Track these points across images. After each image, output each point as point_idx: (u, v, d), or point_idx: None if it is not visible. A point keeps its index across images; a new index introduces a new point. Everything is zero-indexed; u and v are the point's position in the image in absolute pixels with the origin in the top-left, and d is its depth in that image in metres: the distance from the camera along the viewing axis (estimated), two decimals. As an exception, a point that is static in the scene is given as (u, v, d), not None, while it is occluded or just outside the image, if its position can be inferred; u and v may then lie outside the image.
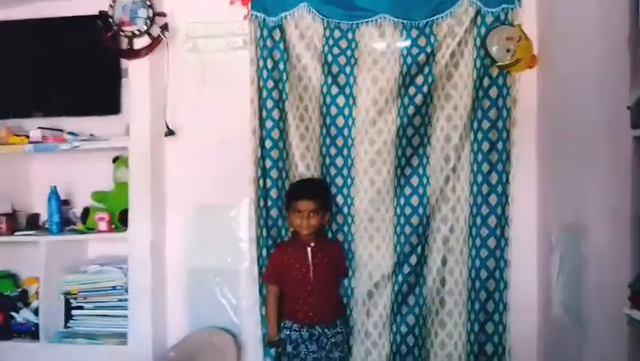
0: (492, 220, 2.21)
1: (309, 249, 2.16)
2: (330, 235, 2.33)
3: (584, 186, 1.75)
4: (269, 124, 2.31)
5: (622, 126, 1.37)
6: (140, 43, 2.34)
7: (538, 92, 2.21)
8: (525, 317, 2.22)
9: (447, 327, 2.26)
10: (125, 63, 2.44)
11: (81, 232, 2.48)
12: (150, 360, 2.30)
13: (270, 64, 2.30)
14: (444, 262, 2.25)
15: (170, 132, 2.38)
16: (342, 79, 2.28)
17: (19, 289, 2.58)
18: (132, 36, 2.33)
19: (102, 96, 2.52)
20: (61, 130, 2.52)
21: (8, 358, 2.39)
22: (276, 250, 2.27)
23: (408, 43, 2.22)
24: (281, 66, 2.30)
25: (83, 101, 2.52)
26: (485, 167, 2.21)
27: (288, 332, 2.17)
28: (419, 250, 2.27)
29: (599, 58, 1.62)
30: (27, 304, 2.53)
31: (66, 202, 2.58)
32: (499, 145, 2.20)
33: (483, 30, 2.17)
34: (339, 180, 2.31)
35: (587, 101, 1.72)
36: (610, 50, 1.52)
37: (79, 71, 2.51)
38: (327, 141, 2.31)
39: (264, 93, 2.31)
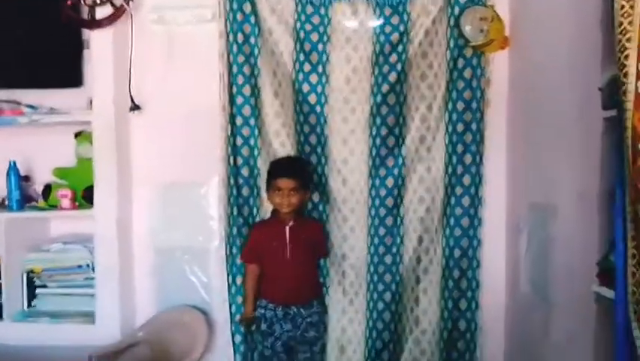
0: (465, 200, 2.24)
1: (287, 228, 2.13)
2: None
3: (553, 168, 1.78)
4: (239, 100, 2.24)
5: (593, 108, 1.39)
6: (103, 12, 2.22)
7: (510, 73, 2.22)
8: (494, 295, 2.28)
9: (422, 304, 2.30)
10: (86, 34, 2.32)
11: (43, 209, 2.39)
12: (118, 339, 2.26)
13: (240, 38, 2.22)
14: (420, 241, 2.27)
15: (135, 107, 2.30)
16: (314, 57, 2.23)
17: (-21, 269, 2.49)
18: (94, 5, 2.21)
19: (63, 68, 2.39)
20: (19, 103, 2.40)
21: (-30, 337, 2.31)
22: (255, 229, 2.25)
23: (381, 21, 2.18)
24: (252, 40, 2.23)
25: (43, 73, 2.38)
26: (459, 148, 2.22)
27: (263, 311, 2.16)
28: (394, 230, 2.27)
29: (571, 39, 1.63)
30: (-13, 284, 2.45)
31: (26, 178, 2.47)
32: (473, 126, 2.21)
33: (457, 10, 2.16)
34: (312, 159, 2.28)
35: (558, 82, 1.74)
36: (582, 32, 1.53)
37: (38, 42, 2.36)
38: (301, 118, 2.27)
39: (235, 68, 2.23)
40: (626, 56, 1.07)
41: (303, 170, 2.19)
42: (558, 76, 1.74)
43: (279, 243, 2.13)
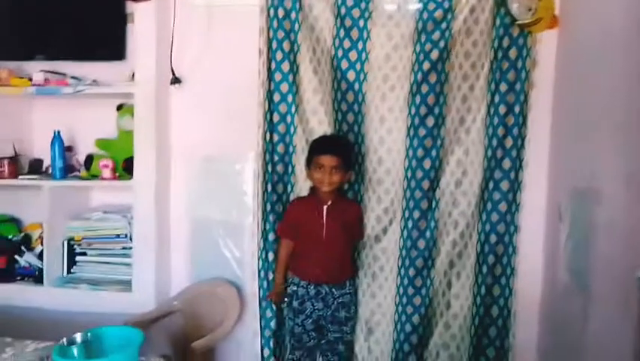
0: (505, 185, 2.18)
1: (325, 207, 2.11)
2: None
3: (599, 151, 1.71)
4: (278, 76, 2.24)
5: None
6: (146, -14, 2.24)
7: (557, 54, 2.14)
8: (530, 282, 2.23)
9: (454, 288, 2.27)
10: (130, 7, 2.35)
11: (85, 179, 2.45)
12: (153, 308, 2.31)
13: (281, 13, 2.21)
14: (455, 225, 2.23)
15: (176, 80, 2.33)
16: (355, 33, 2.20)
17: (22, 234, 2.58)
18: (138, -22, 2.24)
19: (106, 41, 2.44)
20: (64, 74, 2.46)
21: (13, 300, 2.40)
22: (293, 205, 2.24)
23: (421, 5, 2.13)
24: (292, 16, 2.21)
25: (87, 46, 2.44)
26: (501, 131, 2.16)
27: (295, 288, 2.16)
28: (429, 215, 2.24)
29: (625, 17, 1.55)
30: (30, 249, 2.54)
31: (69, 149, 2.54)
32: (517, 108, 2.15)
33: (504, -14, 2.08)
34: (349, 138, 2.26)
35: (608, 62, 1.66)
36: (636, 8, 1.45)
37: (83, 15, 2.42)
38: (339, 95, 2.25)
39: (274, 44, 2.23)
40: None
41: (347, 149, 2.17)
42: (609, 56, 1.66)
43: (315, 221, 2.11)
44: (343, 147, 2.15)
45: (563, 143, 2.08)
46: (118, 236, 2.44)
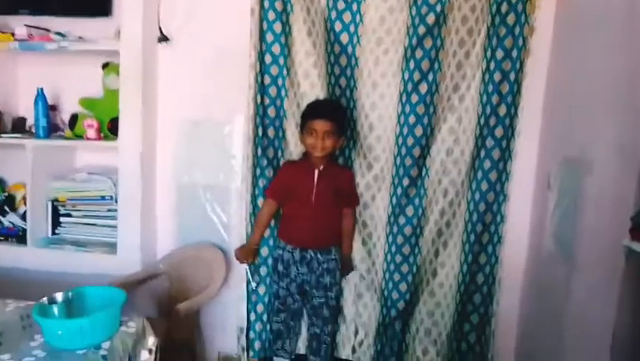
0: (496, 153, 2.16)
1: (316, 171, 2.08)
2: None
3: (592, 121, 1.70)
4: (269, 37, 2.17)
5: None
6: (133, -61, 2.16)
7: (555, 21, 2.10)
8: (516, 250, 2.24)
9: (440, 257, 2.28)
10: (117, -40, 2.27)
11: (69, 139, 2.40)
12: (138, 270, 2.30)
13: (273, -30, 2.14)
14: (444, 194, 2.22)
15: (163, 38, 2.26)
16: (349, -8, 2.14)
17: (6, 194, 2.54)
18: None
19: (92, -4, 2.36)
20: (48, 30, 2.37)
21: (-5, 259, 2.38)
22: (284, 167, 2.21)
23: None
24: (285, -26, 2.14)
25: (72, 1, 2.36)
26: (495, 98, 2.13)
27: (281, 252, 2.16)
28: (418, 182, 2.22)
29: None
30: (14, 210, 2.50)
31: (53, 108, 2.48)
32: (512, 76, 2.11)
33: (505, -52, 2.02)
34: (342, 102, 2.22)
35: (609, 30, 1.63)
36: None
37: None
38: (332, 58, 2.19)
39: (266, 3, 2.15)
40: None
41: (340, 114, 2.12)
42: (609, 24, 1.63)
43: (305, 185, 2.09)
44: (337, 112, 2.10)
45: (556, 112, 2.06)
46: (103, 198, 2.41)
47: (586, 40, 1.81)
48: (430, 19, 2.07)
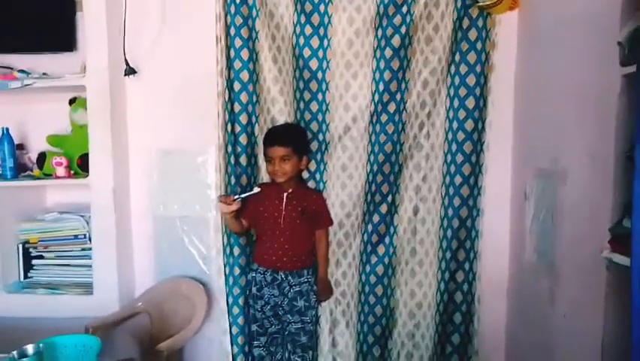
0: (466, 168, 2.17)
1: (284, 195, 2.10)
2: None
3: (564, 131, 1.71)
4: (237, 65, 2.16)
5: (610, 65, 1.31)
6: (94, -28, 2.14)
7: (519, 35, 2.14)
8: (496, 265, 2.24)
9: (417, 276, 2.26)
10: (79, -5, 2.24)
11: (37, 178, 2.33)
12: (117, 310, 2.22)
13: (237, -2, 2.13)
14: (415, 211, 2.22)
15: (130, 71, 2.23)
16: (315, 18, 2.14)
17: (-27, 239, 2.44)
18: (85, -36, 2.12)
19: (55, 32, 2.32)
20: (11, 68, 2.32)
21: (-35, 309, 2.28)
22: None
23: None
24: (250, 1, 2.13)
25: (35, 37, 2.31)
26: (461, 113, 2.15)
27: (254, 274, 2.15)
28: (389, 198, 2.23)
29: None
30: (-18, 254, 2.41)
31: (20, 147, 2.42)
32: (477, 90, 2.14)
33: (465, -33, 2.06)
34: (314, 126, 2.21)
35: (572, 41, 1.66)
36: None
37: (30, 5, 2.29)
38: (301, 84, 2.19)
39: (232, 31, 2.14)
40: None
41: (295, 136, 2.11)
42: (572, 34, 1.66)
43: (274, 208, 2.10)
44: (290, 136, 2.10)
45: (527, 124, 2.08)
46: (76, 237, 2.34)
47: (549, 52, 1.84)
48: (396, 41, 2.10)
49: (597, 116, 1.45)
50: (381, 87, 2.13)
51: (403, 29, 2.09)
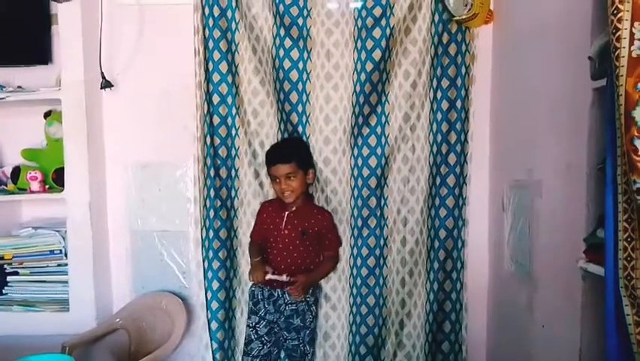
0: (451, 180, 2.19)
1: (285, 213, 2.08)
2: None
3: (538, 143, 1.74)
4: (216, 77, 2.16)
5: (581, 78, 1.34)
6: (70, -16, 2.11)
7: (494, 48, 2.17)
8: (477, 275, 2.25)
9: (407, 286, 2.25)
10: (54, 7, 2.20)
11: (11, 193, 2.29)
12: (94, 326, 2.18)
13: (216, 11, 2.13)
14: (404, 222, 2.22)
15: (107, 84, 2.20)
16: (295, 31, 2.15)
17: (-55, 255, 2.38)
18: (61, -24, 2.10)
19: (30, 44, 2.28)
20: (-16, 81, 2.28)
21: (-63, 327, 2.21)
22: (260, 208, 2.19)
23: (359, 4, 2.11)
24: (229, 14, 2.14)
25: (9, 50, 2.27)
26: (444, 126, 2.17)
27: (253, 288, 2.13)
28: (377, 211, 2.22)
29: (558, 8, 1.58)
30: (-46, 271, 2.35)
31: (-6, 161, 2.37)
32: (458, 103, 2.16)
33: (441, -18, 2.09)
34: (296, 137, 2.20)
35: (544, 54, 1.69)
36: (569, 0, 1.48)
37: (4, 17, 2.25)
38: (282, 96, 2.19)
39: (210, 44, 2.14)
40: (619, 19, 1.01)
41: (297, 151, 2.09)
42: (544, 48, 1.69)
43: (275, 227, 2.09)
44: (292, 151, 2.08)
45: (503, 136, 2.11)
46: (52, 252, 2.28)
47: (524, 64, 1.87)
48: (376, 54, 2.11)
49: (570, 128, 1.48)
50: (361, 100, 2.14)
51: (383, 42, 2.11)
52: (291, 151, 2.08)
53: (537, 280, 1.74)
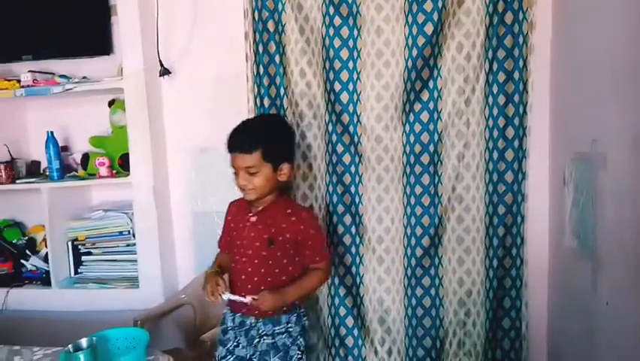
0: (509, 154, 2.13)
1: (250, 216, 1.61)
2: (335, 176, 2.21)
3: (602, 114, 1.65)
4: (265, 59, 2.18)
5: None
6: (127, -24, 2.19)
7: (554, 14, 2.06)
8: (537, 251, 2.19)
9: (465, 264, 2.21)
10: (113, -1, 2.30)
11: (82, 178, 2.43)
12: (162, 302, 2.31)
13: (265, -6, 2.14)
14: (459, 200, 2.18)
15: (165, 71, 2.28)
16: (344, 9, 2.12)
17: (26, 238, 2.58)
18: (118, -32, 2.18)
19: (92, 36, 2.40)
20: (52, 73, 2.42)
21: (22, 305, 2.41)
22: (227, 208, 1.77)
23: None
24: (277, -4, 2.15)
25: (73, 43, 2.40)
26: (501, 99, 2.10)
27: (224, 311, 1.74)
28: (431, 189, 2.18)
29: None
30: (35, 252, 2.54)
31: (65, 148, 2.53)
32: (516, 74, 2.08)
33: (496, -54, 1.99)
34: (344, 118, 2.19)
35: (609, 19, 1.59)
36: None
37: (66, 11, 2.37)
38: (331, 75, 2.18)
39: (260, 26, 2.17)
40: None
41: (264, 136, 1.59)
42: (608, 13, 1.59)
43: (238, 234, 1.64)
44: (257, 137, 1.58)
45: (564, 107, 2.02)
46: (121, 233, 2.43)
47: (587, 31, 1.76)
48: (428, 28, 2.05)
49: (637, 98, 1.39)
50: (413, 75, 2.10)
51: (435, 15, 2.05)
52: (257, 137, 1.58)
53: (601, 256, 1.67)
